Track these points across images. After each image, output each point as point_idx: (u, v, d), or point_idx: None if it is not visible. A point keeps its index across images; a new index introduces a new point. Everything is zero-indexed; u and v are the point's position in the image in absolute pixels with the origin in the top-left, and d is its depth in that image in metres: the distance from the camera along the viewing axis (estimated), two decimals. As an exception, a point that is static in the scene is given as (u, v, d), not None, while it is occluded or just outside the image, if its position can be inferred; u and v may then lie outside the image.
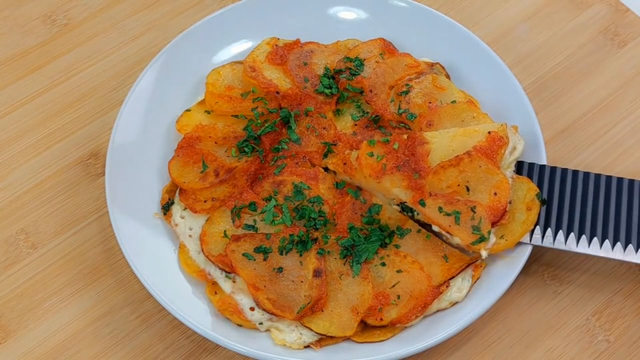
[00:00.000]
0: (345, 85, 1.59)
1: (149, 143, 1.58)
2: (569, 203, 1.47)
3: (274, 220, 1.46)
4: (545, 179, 1.49)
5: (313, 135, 1.55)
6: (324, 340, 1.41)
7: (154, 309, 1.49)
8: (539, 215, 1.45)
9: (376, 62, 1.62)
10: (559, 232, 1.44)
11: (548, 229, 1.45)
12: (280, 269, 1.41)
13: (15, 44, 1.78)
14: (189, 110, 1.60)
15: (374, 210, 1.47)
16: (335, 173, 1.52)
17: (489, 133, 1.47)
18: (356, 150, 1.50)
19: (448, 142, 1.47)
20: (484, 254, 1.41)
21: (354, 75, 1.60)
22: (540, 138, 1.54)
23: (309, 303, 1.38)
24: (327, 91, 1.58)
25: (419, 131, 1.51)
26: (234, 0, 1.83)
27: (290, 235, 1.43)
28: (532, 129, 1.55)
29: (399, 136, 1.49)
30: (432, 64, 1.64)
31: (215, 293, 1.44)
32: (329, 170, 1.53)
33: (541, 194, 1.46)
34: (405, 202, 1.46)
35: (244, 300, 1.42)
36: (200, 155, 1.51)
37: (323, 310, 1.40)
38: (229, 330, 1.41)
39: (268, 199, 1.48)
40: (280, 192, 1.48)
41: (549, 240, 1.44)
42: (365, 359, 1.37)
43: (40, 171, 1.63)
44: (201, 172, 1.50)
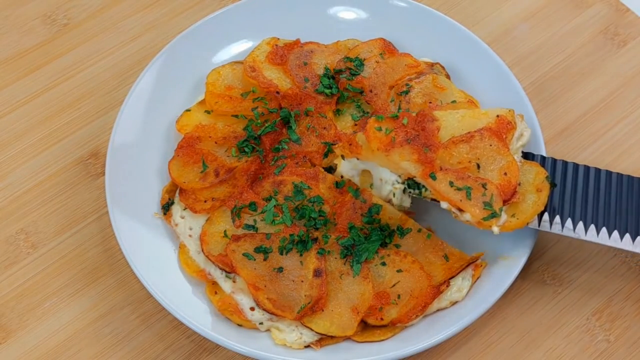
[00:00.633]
0: (345, 85, 1.59)
1: (149, 143, 1.58)
2: (580, 194, 1.45)
3: (274, 220, 1.46)
4: (556, 169, 1.48)
5: (313, 135, 1.55)
6: (324, 340, 1.41)
7: (154, 309, 1.49)
8: (548, 203, 1.44)
9: (376, 62, 1.62)
10: (568, 220, 1.43)
11: (557, 216, 1.43)
12: (280, 269, 1.41)
13: (15, 44, 1.78)
14: (189, 110, 1.60)
15: (374, 210, 1.47)
16: (334, 171, 1.52)
17: (498, 116, 1.46)
18: (361, 132, 1.48)
19: (457, 123, 1.46)
20: (495, 230, 1.39)
21: (354, 75, 1.60)
22: (540, 138, 1.54)
23: (309, 303, 1.38)
24: (327, 91, 1.58)
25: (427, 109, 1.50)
26: (234, 0, 1.83)
27: (291, 235, 1.43)
28: (532, 129, 1.55)
29: (407, 113, 1.47)
30: (432, 64, 1.64)
31: (216, 293, 1.44)
32: (329, 170, 1.53)
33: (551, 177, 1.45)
34: (413, 178, 1.43)
35: (244, 300, 1.42)
36: (200, 155, 1.51)
37: (323, 310, 1.40)
38: (229, 330, 1.41)
39: (268, 199, 1.48)
40: (280, 192, 1.48)
41: (558, 227, 1.43)
42: (366, 358, 1.37)
43: (40, 171, 1.63)
44: (201, 172, 1.50)
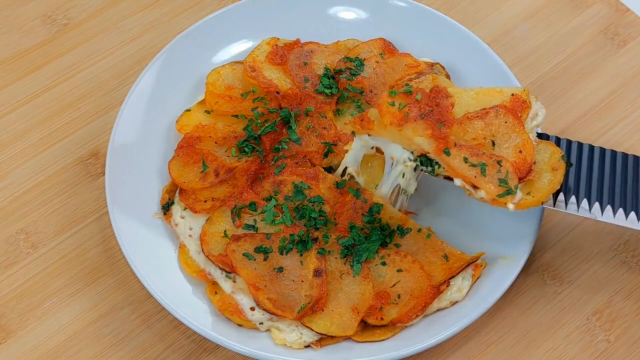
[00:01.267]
0: (345, 85, 1.59)
1: (149, 143, 1.58)
2: (596, 175, 1.43)
3: (274, 220, 1.46)
4: (571, 150, 1.46)
5: (313, 135, 1.55)
6: (324, 340, 1.41)
7: (154, 309, 1.49)
8: (564, 183, 1.41)
9: (376, 62, 1.62)
10: (584, 200, 1.41)
11: (572, 196, 1.41)
12: (280, 269, 1.41)
13: (15, 44, 1.78)
14: (189, 110, 1.60)
15: (375, 210, 1.47)
16: (334, 171, 1.52)
17: (513, 95, 1.44)
18: (374, 107, 1.46)
19: (471, 100, 1.45)
20: (510, 207, 1.37)
21: (354, 75, 1.60)
22: (540, 138, 1.54)
23: (310, 303, 1.38)
24: (327, 91, 1.58)
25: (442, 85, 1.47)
26: (234, 0, 1.83)
27: (291, 235, 1.43)
28: (532, 128, 1.55)
29: (421, 88, 1.45)
30: (432, 64, 1.64)
31: (216, 293, 1.44)
32: (329, 170, 1.53)
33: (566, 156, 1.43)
34: (427, 154, 1.41)
35: (244, 300, 1.42)
36: (200, 155, 1.51)
37: (323, 310, 1.40)
38: (229, 330, 1.41)
39: (268, 199, 1.48)
40: (280, 192, 1.48)
41: (573, 207, 1.40)
42: (366, 358, 1.37)
43: (40, 171, 1.63)
44: (201, 172, 1.50)
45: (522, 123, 1.42)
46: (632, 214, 1.40)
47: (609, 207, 1.40)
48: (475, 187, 1.38)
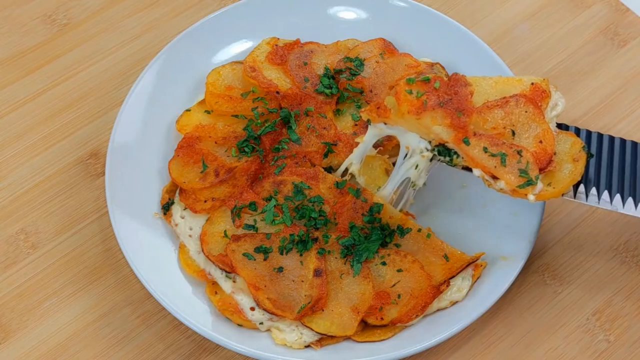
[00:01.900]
0: (345, 85, 1.59)
1: (149, 143, 1.58)
2: (617, 166, 1.41)
3: (274, 220, 1.46)
4: (591, 141, 1.44)
5: (313, 135, 1.55)
6: (324, 340, 1.41)
7: (154, 309, 1.49)
8: (584, 174, 1.38)
9: (376, 62, 1.62)
10: (605, 192, 1.38)
11: (593, 187, 1.38)
12: (280, 269, 1.41)
13: (15, 44, 1.78)
14: (189, 110, 1.61)
15: (375, 210, 1.47)
16: (334, 171, 1.52)
17: (533, 84, 1.42)
18: (391, 95, 1.41)
19: (490, 88, 1.43)
20: (531, 198, 1.34)
21: (354, 75, 1.60)
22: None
23: (310, 303, 1.38)
24: (327, 91, 1.58)
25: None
26: (234, 0, 1.83)
27: (291, 235, 1.43)
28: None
29: (439, 76, 1.43)
30: (432, 64, 1.64)
31: (216, 293, 1.44)
32: (329, 170, 1.53)
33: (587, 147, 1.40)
34: (445, 143, 1.38)
35: (244, 300, 1.42)
36: (200, 155, 1.51)
37: (323, 310, 1.40)
38: (229, 330, 1.41)
39: (268, 199, 1.48)
40: (280, 192, 1.48)
41: (594, 199, 1.38)
42: (366, 358, 1.37)
43: (40, 171, 1.63)
44: (201, 172, 1.50)
45: (543, 113, 1.39)
46: None
47: (630, 200, 1.38)
48: (494, 178, 1.36)
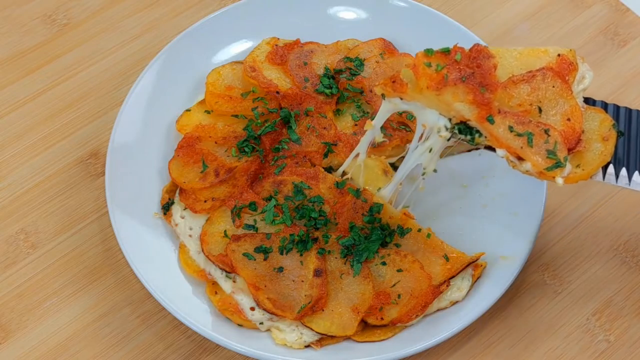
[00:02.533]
0: (345, 85, 1.59)
1: (149, 143, 1.58)
2: None
3: (274, 220, 1.46)
4: (619, 117, 1.35)
5: (313, 135, 1.55)
6: (324, 340, 1.41)
7: (154, 309, 1.49)
8: (613, 154, 1.30)
9: (376, 62, 1.62)
10: (635, 173, 1.29)
11: (622, 168, 1.30)
12: (280, 269, 1.41)
13: (15, 44, 1.78)
14: (189, 110, 1.61)
15: (375, 210, 1.47)
16: (334, 171, 1.52)
17: (559, 55, 1.33)
18: (407, 68, 1.31)
19: (514, 61, 1.34)
20: (559, 181, 1.26)
21: (354, 75, 1.60)
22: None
23: (310, 303, 1.38)
24: (327, 91, 1.58)
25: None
26: (234, 0, 1.83)
27: (291, 235, 1.43)
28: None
29: (460, 47, 1.33)
30: (432, 64, 1.64)
31: (216, 293, 1.44)
32: (329, 170, 1.53)
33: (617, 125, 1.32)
34: (467, 121, 1.29)
35: (244, 300, 1.42)
36: (200, 155, 1.51)
37: (324, 310, 1.40)
38: (229, 330, 1.41)
39: (268, 199, 1.48)
40: (280, 192, 1.48)
41: (624, 181, 1.29)
42: (366, 358, 1.37)
43: (40, 171, 1.63)
44: (201, 172, 1.50)
45: (570, 88, 1.31)
46: None
47: None
48: (520, 159, 1.28)
